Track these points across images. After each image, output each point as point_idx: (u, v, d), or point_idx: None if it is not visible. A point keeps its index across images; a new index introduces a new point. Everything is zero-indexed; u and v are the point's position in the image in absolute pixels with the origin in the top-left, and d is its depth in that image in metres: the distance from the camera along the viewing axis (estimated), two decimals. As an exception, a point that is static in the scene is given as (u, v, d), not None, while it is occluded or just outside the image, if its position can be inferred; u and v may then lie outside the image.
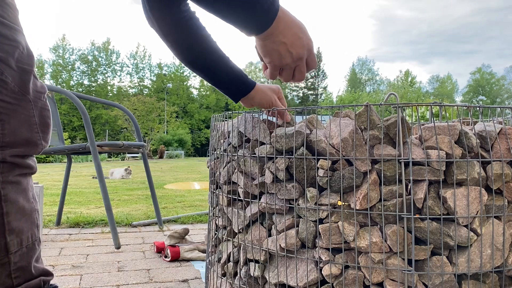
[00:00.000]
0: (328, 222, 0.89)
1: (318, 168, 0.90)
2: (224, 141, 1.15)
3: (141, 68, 51.61)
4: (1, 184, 0.75)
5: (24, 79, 0.78)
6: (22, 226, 0.78)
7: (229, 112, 1.12)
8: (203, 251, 1.90)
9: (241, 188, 1.05)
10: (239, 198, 1.07)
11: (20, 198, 0.79)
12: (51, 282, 0.86)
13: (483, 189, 0.85)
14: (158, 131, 37.32)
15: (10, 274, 0.77)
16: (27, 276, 0.79)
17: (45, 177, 7.84)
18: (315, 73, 57.79)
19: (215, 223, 1.20)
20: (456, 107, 0.93)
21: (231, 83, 0.98)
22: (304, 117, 0.99)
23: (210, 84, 1.04)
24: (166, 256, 1.88)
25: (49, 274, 0.86)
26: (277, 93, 1.07)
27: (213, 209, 1.21)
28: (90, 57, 48.67)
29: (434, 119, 0.93)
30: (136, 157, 24.16)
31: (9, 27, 0.76)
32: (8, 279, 0.76)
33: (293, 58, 0.81)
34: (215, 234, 1.20)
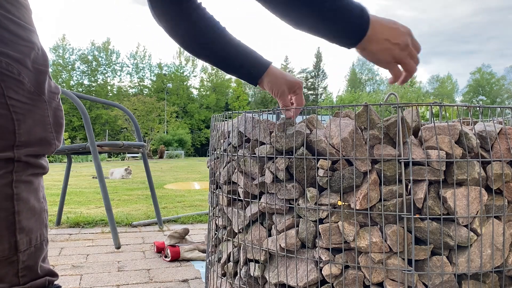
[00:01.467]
0: (328, 222, 0.89)
1: (318, 168, 0.90)
2: (224, 141, 1.15)
3: (141, 68, 51.61)
4: (14, 183, 0.76)
5: (40, 79, 0.79)
6: (32, 225, 0.79)
7: (229, 112, 1.12)
8: (203, 251, 1.90)
9: (241, 188, 1.05)
10: (239, 198, 1.07)
11: (31, 198, 0.80)
12: (55, 282, 0.86)
13: (483, 189, 0.85)
14: (158, 131, 37.32)
15: (18, 272, 0.77)
16: (33, 275, 0.80)
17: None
18: (315, 73, 57.77)
19: (215, 223, 1.20)
20: (456, 107, 0.93)
21: (242, 69, 0.96)
22: (304, 117, 0.99)
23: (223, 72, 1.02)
24: (166, 256, 1.88)
25: (54, 274, 0.86)
26: (294, 87, 1.02)
27: (213, 209, 1.21)
28: (90, 57, 48.67)
29: (434, 119, 0.93)
30: (136, 157, 24.16)
31: (25, 28, 0.77)
32: (15, 278, 0.77)
33: (401, 47, 0.81)
34: (215, 234, 1.20)
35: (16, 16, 0.75)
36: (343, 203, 0.88)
